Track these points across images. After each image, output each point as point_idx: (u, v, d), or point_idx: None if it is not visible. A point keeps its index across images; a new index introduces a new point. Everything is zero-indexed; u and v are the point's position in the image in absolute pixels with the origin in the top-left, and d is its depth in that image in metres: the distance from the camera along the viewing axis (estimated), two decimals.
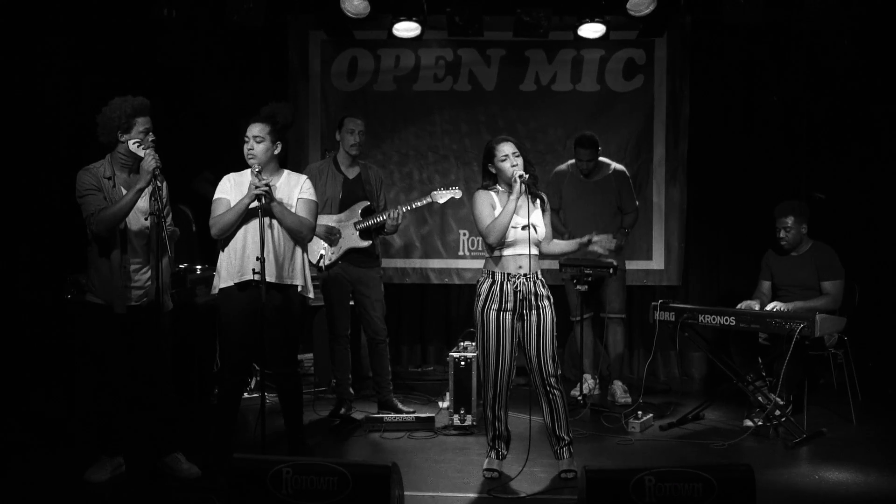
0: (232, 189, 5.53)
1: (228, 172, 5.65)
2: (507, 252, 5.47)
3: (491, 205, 5.53)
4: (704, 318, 6.67)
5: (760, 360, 6.80)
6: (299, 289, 5.62)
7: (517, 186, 5.39)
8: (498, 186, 5.60)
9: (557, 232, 6.90)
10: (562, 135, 8.72)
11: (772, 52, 8.46)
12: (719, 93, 8.64)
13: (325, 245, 7.01)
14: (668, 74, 8.68)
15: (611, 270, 7.37)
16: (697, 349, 8.38)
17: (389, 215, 6.92)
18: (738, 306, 6.84)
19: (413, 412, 7.00)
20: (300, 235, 5.56)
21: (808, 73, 8.33)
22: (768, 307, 6.73)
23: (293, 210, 5.57)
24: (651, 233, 8.77)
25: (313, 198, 5.69)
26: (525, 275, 5.44)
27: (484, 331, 5.47)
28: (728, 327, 6.56)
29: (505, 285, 5.44)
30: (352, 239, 6.99)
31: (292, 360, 5.74)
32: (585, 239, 5.59)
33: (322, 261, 7.02)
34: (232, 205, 5.46)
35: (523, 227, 5.44)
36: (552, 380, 5.45)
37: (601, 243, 5.56)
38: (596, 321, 8.00)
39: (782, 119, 8.51)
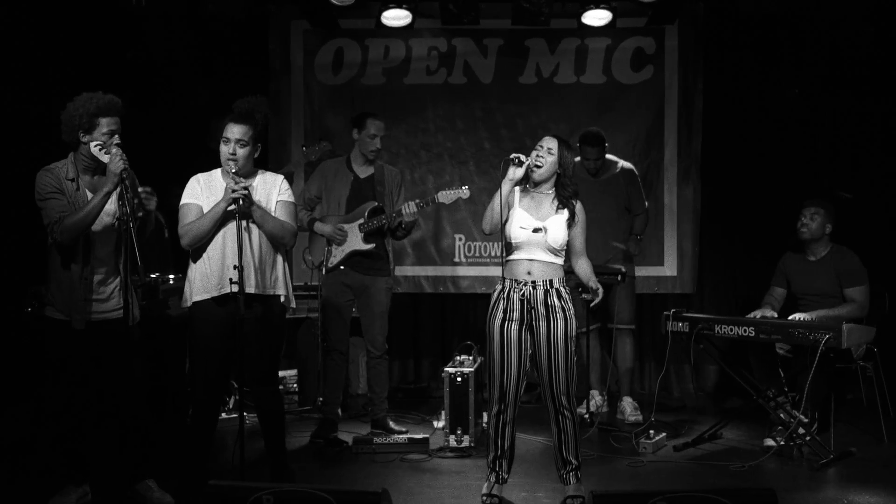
0: (203, 192, 5.47)
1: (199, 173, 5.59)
2: (514, 256, 5.45)
3: (508, 203, 5.48)
4: (721, 328, 6.65)
5: (782, 374, 6.76)
6: (282, 299, 5.57)
7: (510, 168, 5.34)
8: (528, 186, 5.55)
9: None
10: (565, 131, 8.66)
11: (790, 42, 8.45)
12: (734, 85, 8.64)
13: (329, 246, 7.00)
14: (680, 65, 8.69)
15: (619, 277, 7.38)
16: (714, 362, 8.37)
17: (404, 210, 6.87)
18: (749, 316, 6.81)
19: (406, 432, 6.96)
20: (282, 241, 5.51)
21: (829, 64, 8.33)
22: (791, 317, 6.69)
23: (272, 213, 5.52)
24: (662, 236, 8.78)
25: (293, 199, 5.66)
26: (533, 282, 5.38)
27: (489, 342, 5.44)
28: (747, 338, 6.54)
29: (511, 293, 5.39)
30: (356, 241, 6.98)
31: (273, 377, 5.71)
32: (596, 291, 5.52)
33: (325, 263, 7.00)
34: (204, 210, 5.40)
35: (534, 230, 5.39)
36: (563, 399, 5.38)
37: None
38: (603, 333, 8.00)
39: (802, 114, 8.50)
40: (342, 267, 6.99)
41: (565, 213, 5.48)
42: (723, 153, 8.70)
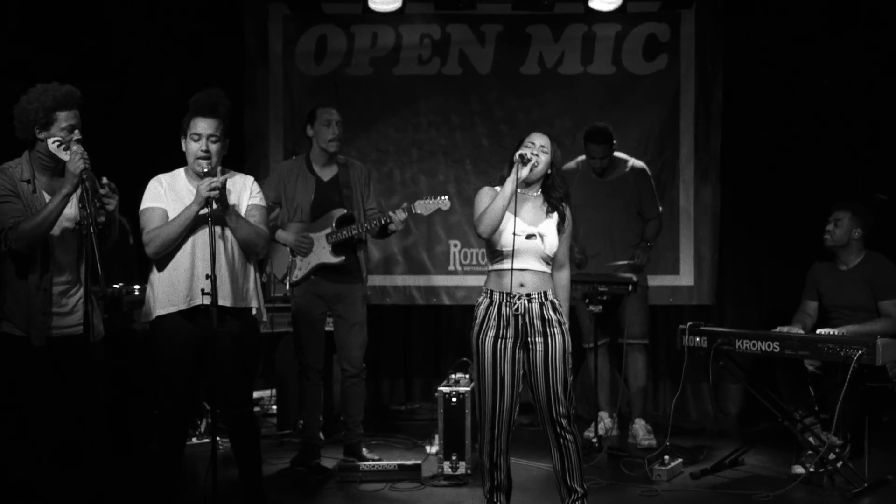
0: (166, 195, 5.45)
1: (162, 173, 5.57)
2: (506, 265, 5.36)
3: (492, 197, 5.43)
4: (743, 343, 6.64)
5: (811, 394, 6.75)
6: (254, 311, 5.57)
7: (516, 168, 5.31)
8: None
9: (573, 262, 6.81)
10: (570, 126, 8.71)
11: (822, 27, 8.45)
12: (758, 75, 8.63)
13: (294, 257, 6.97)
14: (697, 54, 8.70)
15: (630, 287, 7.38)
16: (735, 381, 8.33)
17: (394, 218, 6.83)
18: (777, 330, 6.79)
19: (379, 460, 6.95)
20: (255, 248, 5.51)
21: (865, 51, 8.31)
22: (819, 331, 6.67)
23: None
24: (678, 242, 8.78)
25: (265, 203, 5.69)
26: (528, 294, 5.33)
27: (480, 361, 5.39)
28: (772, 354, 6.53)
29: (503, 307, 5.34)
30: (322, 253, 6.94)
31: (248, 398, 5.70)
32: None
33: (288, 277, 6.96)
34: (170, 215, 5.37)
35: (528, 237, 5.34)
36: (563, 421, 5.35)
37: None
38: (613, 348, 7.99)
39: (835, 106, 8.49)
40: (312, 277, 6.96)
41: (555, 217, 5.44)
42: (745, 150, 8.69)
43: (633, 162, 7.97)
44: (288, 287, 7.03)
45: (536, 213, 5.43)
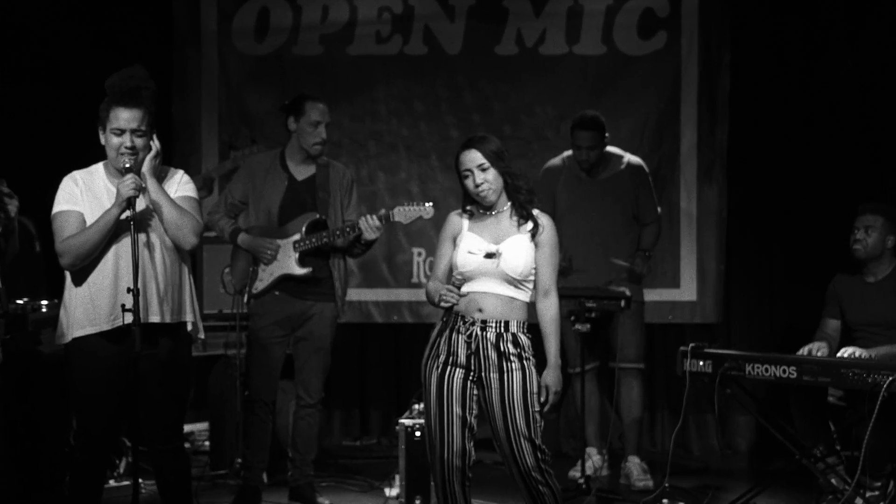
0: (83, 196, 5.41)
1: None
2: (466, 287, 5.33)
3: (453, 237, 5.41)
4: (754, 368, 6.59)
5: (833, 427, 6.75)
6: (189, 327, 5.54)
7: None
8: (478, 209, 5.45)
9: (561, 274, 6.80)
10: (553, 115, 8.75)
11: (844, 3, 8.47)
12: (771, 57, 8.68)
13: (255, 266, 6.97)
14: (701, 32, 8.75)
15: (622, 303, 7.38)
16: (745, 412, 8.33)
17: (363, 225, 6.75)
18: (800, 352, 6.80)
19: None
20: (184, 237, 5.37)
21: (894, 30, 8.33)
22: (842, 353, 6.69)
23: None
24: (678, 250, 8.83)
25: (196, 195, 5.61)
26: (483, 322, 5.31)
27: (426, 392, 5.35)
28: (787, 381, 6.49)
29: (455, 334, 5.33)
30: (287, 263, 6.93)
31: (178, 432, 5.66)
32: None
33: (248, 287, 6.97)
34: (88, 219, 5.33)
35: (487, 255, 5.28)
36: (535, 474, 5.25)
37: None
38: (603, 374, 8.01)
39: (859, 94, 8.53)
40: (276, 293, 6.95)
41: (527, 229, 5.37)
42: (755, 144, 8.75)
43: (630, 158, 7.97)
44: (246, 299, 7.00)
45: (503, 229, 5.34)
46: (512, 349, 5.25)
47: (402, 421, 6.81)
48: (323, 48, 8.84)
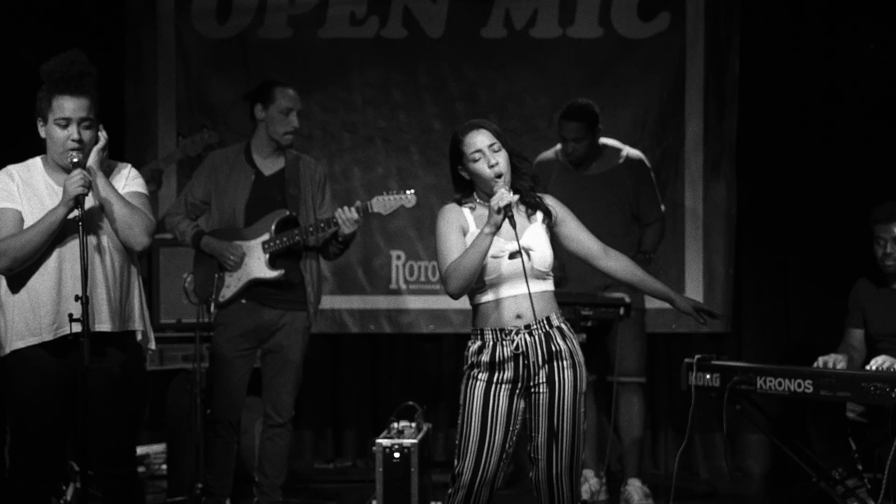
0: (21, 193, 5.38)
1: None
2: (489, 297, 5.29)
3: (461, 228, 5.36)
4: (766, 381, 6.58)
5: (853, 446, 6.74)
6: (138, 336, 5.52)
7: (495, 217, 5.21)
8: (476, 198, 5.43)
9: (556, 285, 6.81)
10: (545, 105, 8.76)
11: None
12: (786, 41, 8.68)
13: (221, 272, 6.97)
14: (708, 12, 8.78)
15: (622, 310, 7.38)
16: (756, 430, 8.33)
17: (339, 217, 6.78)
18: (816, 364, 6.78)
19: None
20: (134, 237, 5.35)
21: None
22: (872, 365, 6.67)
23: None
24: (682, 253, 8.86)
25: (145, 190, 5.59)
26: (528, 326, 5.29)
27: (465, 411, 5.31)
28: (803, 396, 6.48)
29: (499, 348, 5.28)
30: (257, 266, 6.94)
31: (130, 455, 5.65)
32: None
33: (213, 296, 6.97)
34: (28, 218, 5.32)
35: (511, 255, 5.27)
36: (566, 489, 5.27)
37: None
38: (600, 388, 8.02)
39: (883, 81, 8.54)
40: (243, 301, 6.92)
41: (538, 216, 5.39)
42: (769, 135, 8.76)
43: (628, 151, 7.97)
44: (212, 308, 6.99)
45: (517, 221, 5.35)
46: (562, 344, 5.27)
47: (379, 441, 6.85)
48: (292, 31, 8.85)
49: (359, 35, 8.84)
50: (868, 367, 6.67)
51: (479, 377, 5.26)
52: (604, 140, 7.86)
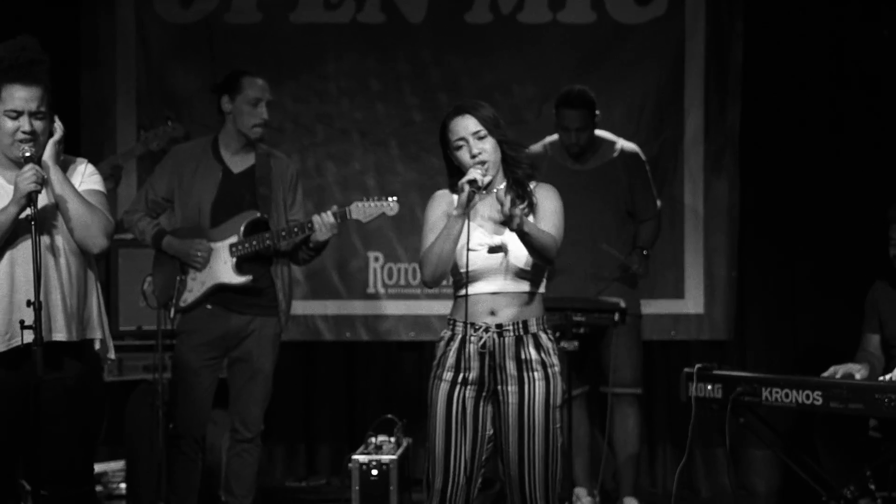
0: None
1: None
2: (471, 289, 5.32)
3: (446, 212, 5.36)
4: (772, 393, 6.60)
5: (866, 463, 6.73)
6: (97, 345, 5.47)
7: (462, 196, 5.20)
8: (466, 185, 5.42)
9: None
10: (534, 95, 8.78)
11: None
12: (792, 27, 8.68)
13: (183, 275, 6.96)
14: None
15: (616, 316, 7.36)
16: (761, 445, 8.33)
17: (317, 223, 6.78)
18: (827, 373, 6.77)
19: None
20: (91, 238, 5.30)
21: None
22: (887, 377, 6.67)
23: None
24: (682, 254, 8.88)
25: (103, 188, 5.54)
26: (499, 326, 5.28)
27: (430, 414, 5.36)
28: (812, 408, 6.50)
29: (466, 343, 5.29)
30: (222, 270, 6.92)
31: (86, 474, 5.60)
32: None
33: (174, 300, 6.97)
34: None
35: (491, 250, 5.28)
36: None
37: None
38: (594, 400, 8.04)
39: None
40: (208, 306, 6.90)
41: (525, 209, 5.35)
42: (774, 128, 8.78)
43: (623, 144, 7.99)
44: (173, 314, 6.97)
45: (501, 216, 5.34)
46: (534, 355, 5.27)
47: (355, 457, 6.87)
48: (261, 15, 8.85)
49: (333, 20, 8.83)
50: (882, 378, 6.67)
51: (444, 377, 5.32)
52: (598, 132, 7.88)
